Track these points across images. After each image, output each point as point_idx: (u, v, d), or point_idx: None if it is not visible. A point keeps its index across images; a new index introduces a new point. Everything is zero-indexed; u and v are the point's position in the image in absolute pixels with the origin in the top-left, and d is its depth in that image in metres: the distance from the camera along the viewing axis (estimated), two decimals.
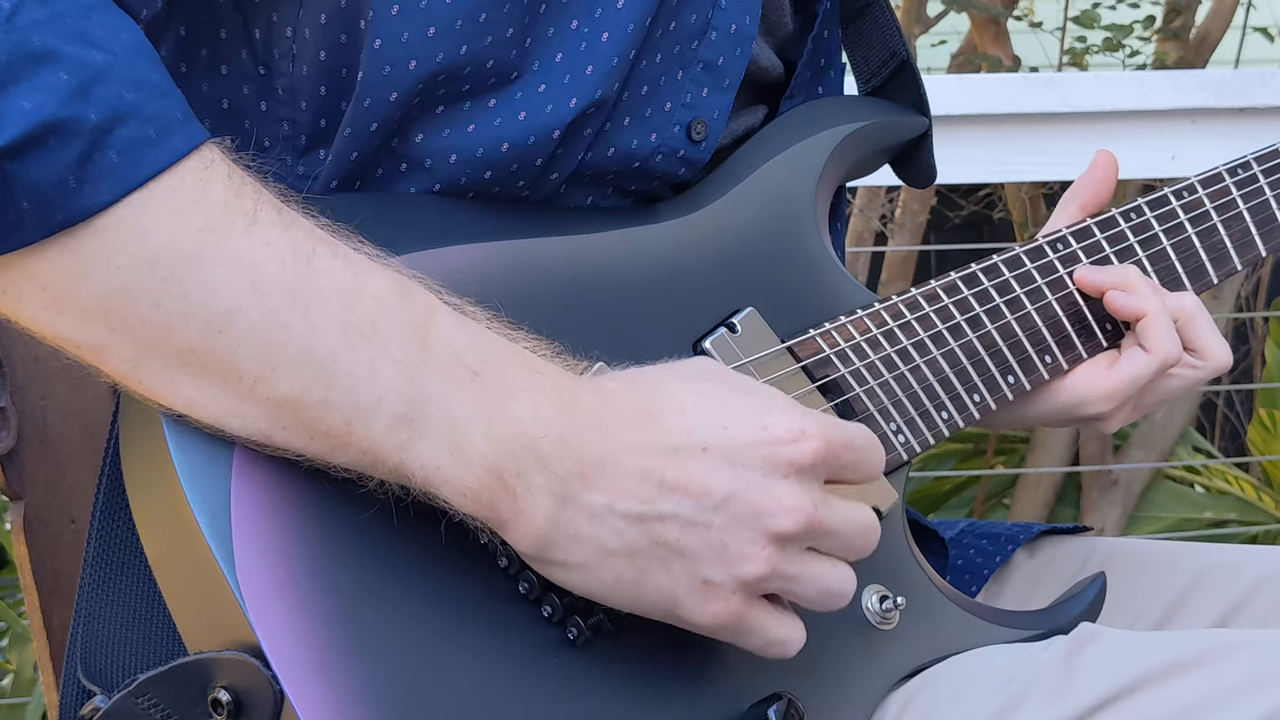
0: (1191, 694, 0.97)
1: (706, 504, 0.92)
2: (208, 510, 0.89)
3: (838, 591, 0.96)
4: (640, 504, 0.91)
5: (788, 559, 0.93)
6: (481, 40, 1.00)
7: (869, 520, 0.97)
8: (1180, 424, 3.30)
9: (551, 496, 0.91)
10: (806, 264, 1.15)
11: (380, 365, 0.89)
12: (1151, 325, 1.19)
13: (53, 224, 0.85)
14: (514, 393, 0.91)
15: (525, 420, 0.91)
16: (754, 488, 0.92)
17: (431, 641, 0.92)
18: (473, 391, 0.90)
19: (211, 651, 0.90)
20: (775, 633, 0.96)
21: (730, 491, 0.92)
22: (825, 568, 0.96)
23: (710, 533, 0.92)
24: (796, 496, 0.93)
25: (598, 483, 0.91)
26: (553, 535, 0.91)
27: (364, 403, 0.89)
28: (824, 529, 0.94)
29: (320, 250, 0.90)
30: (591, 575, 0.92)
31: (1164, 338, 1.19)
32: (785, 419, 0.94)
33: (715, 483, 0.92)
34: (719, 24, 1.10)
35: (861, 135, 1.21)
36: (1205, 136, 2.43)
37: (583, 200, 1.10)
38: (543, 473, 0.91)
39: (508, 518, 0.91)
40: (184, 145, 0.87)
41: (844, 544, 0.96)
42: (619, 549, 0.92)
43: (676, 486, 0.92)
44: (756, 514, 0.92)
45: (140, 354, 0.88)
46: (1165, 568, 1.27)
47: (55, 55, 0.84)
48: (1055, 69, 3.57)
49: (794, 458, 0.93)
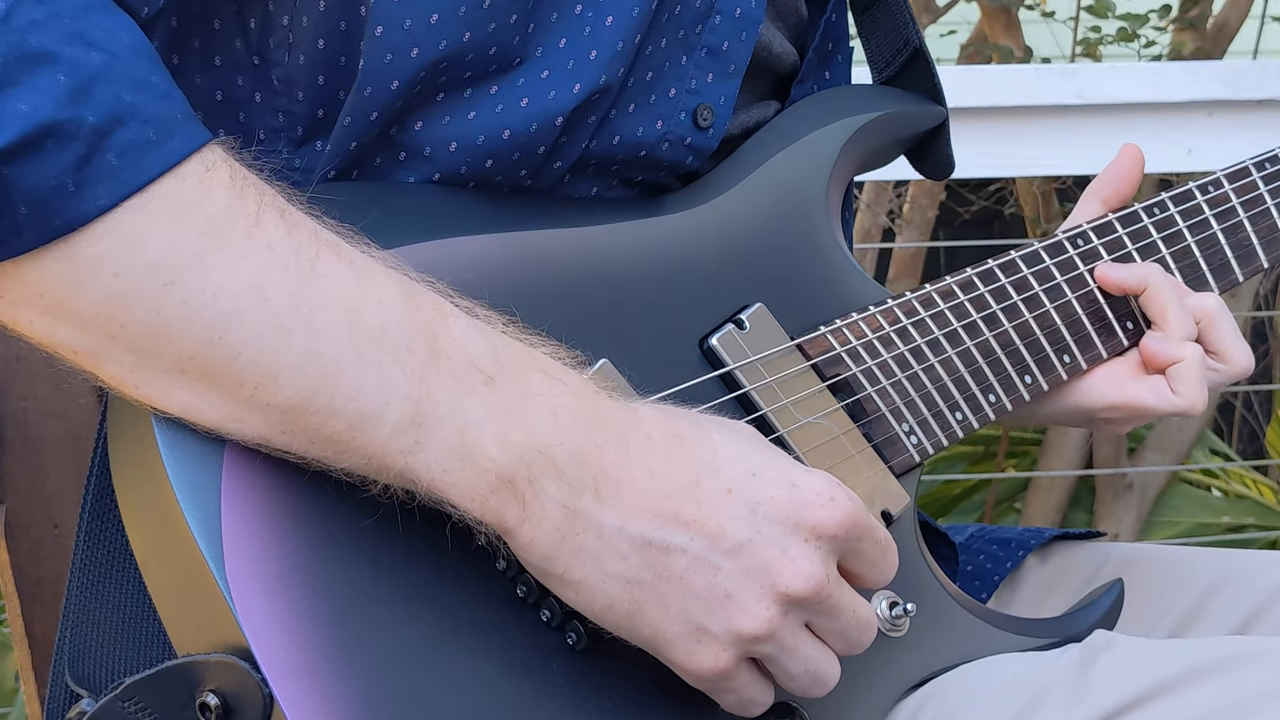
0: (1209, 703, 0.97)
1: (719, 547, 0.92)
2: (197, 509, 0.89)
3: (823, 679, 0.96)
4: (651, 530, 0.91)
5: (788, 626, 0.93)
6: (485, 26, 1.01)
7: (871, 618, 0.97)
8: (1197, 426, 3.30)
9: (561, 507, 0.91)
10: (817, 259, 1.15)
11: (387, 370, 0.89)
12: (1185, 373, 1.20)
13: (51, 230, 0.85)
14: (531, 399, 0.91)
15: (542, 427, 0.91)
16: (771, 543, 0.92)
17: (426, 645, 0.92)
18: (486, 396, 0.90)
19: (200, 654, 0.91)
20: (751, 694, 0.95)
21: (746, 540, 0.92)
22: (818, 650, 0.95)
23: (717, 577, 0.91)
24: (812, 562, 0.93)
25: (610, 501, 0.91)
26: (558, 548, 0.91)
27: (369, 408, 0.89)
28: (830, 605, 0.94)
29: (325, 254, 0.90)
30: (586, 594, 0.92)
31: (1194, 388, 1.20)
32: (817, 481, 0.94)
33: (733, 528, 0.92)
34: (723, 7, 1.11)
35: (877, 125, 1.21)
36: (1223, 129, 2.44)
37: (587, 190, 1.10)
38: (555, 482, 0.90)
39: (514, 525, 0.91)
40: (185, 147, 0.87)
41: (842, 632, 0.95)
42: (620, 573, 0.91)
43: (692, 522, 0.91)
44: (767, 569, 0.92)
45: (138, 361, 0.88)
46: (1181, 574, 1.27)
47: (52, 56, 0.84)
48: (1068, 60, 3.57)
49: (818, 522, 0.93)
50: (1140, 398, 1.22)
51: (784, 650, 0.94)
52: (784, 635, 0.93)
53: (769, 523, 0.92)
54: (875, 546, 0.96)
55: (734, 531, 0.92)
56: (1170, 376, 1.21)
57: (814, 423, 1.09)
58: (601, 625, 0.94)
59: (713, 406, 1.05)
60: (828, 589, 0.93)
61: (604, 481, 0.91)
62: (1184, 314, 1.21)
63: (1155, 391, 1.21)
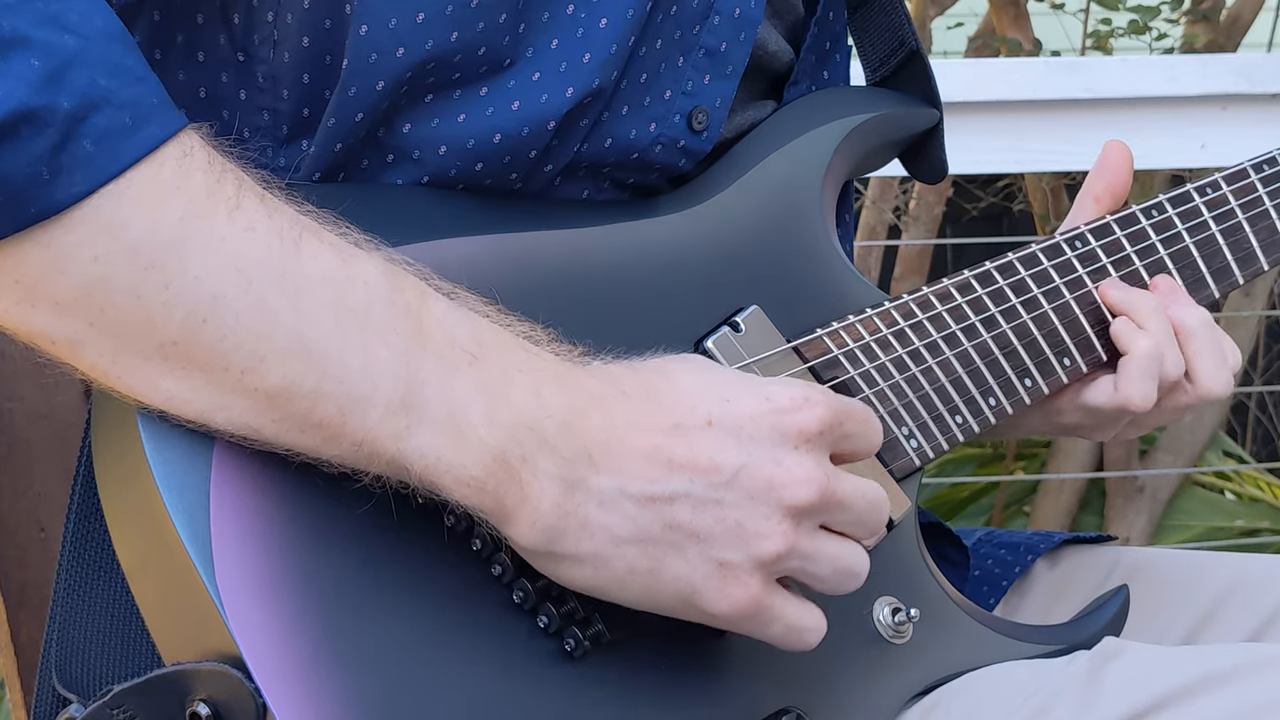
0: (1222, 712, 0.97)
1: (717, 480, 0.93)
2: (185, 513, 0.90)
3: (853, 571, 0.98)
4: (649, 484, 0.92)
5: (804, 535, 0.95)
6: (474, 26, 1.01)
7: (879, 494, 0.98)
8: (1210, 427, 3.30)
9: (559, 482, 0.91)
10: (813, 261, 1.15)
11: (375, 351, 0.90)
12: (1126, 367, 1.20)
13: (26, 217, 0.85)
14: (513, 375, 0.92)
15: (527, 403, 0.92)
16: (765, 460, 0.94)
17: (422, 653, 0.93)
18: (471, 375, 0.91)
19: (191, 662, 0.91)
20: (797, 619, 0.97)
21: (740, 465, 0.93)
22: (840, 545, 0.97)
23: (724, 510, 0.93)
24: (808, 468, 0.94)
25: (605, 465, 0.92)
26: (561, 524, 0.92)
27: (358, 390, 0.89)
28: (837, 501, 0.96)
29: (307, 236, 0.90)
30: (603, 567, 0.93)
31: (1133, 384, 1.19)
32: (786, 389, 0.96)
33: (724, 458, 0.93)
34: (722, 8, 1.11)
35: (870, 127, 1.21)
36: (1236, 124, 2.44)
37: (578, 193, 1.10)
38: (549, 456, 0.91)
39: (513, 507, 0.91)
40: (161, 132, 0.87)
41: (857, 518, 0.97)
42: (631, 535, 0.92)
43: (685, 464, 0.93)
44: (769, 487, 0.93)
45: (119, 348, 0.88)
46: (1194, 579, 1.27)
47: (26, 40, 0.85)
48: (1078, 53, 3.57)
49: (802, 425, 0.95)
50: (1091, 398, 1.22)
51: (808, 558, 0.95)
52: (803, 545, 0.95)
53: (755, 442, 0.94)
54: (858, 423, 0.98)
55: (726, 461, 0.93)
56: (1119, 369, 1.21)
57: None
58: (622, 601, 0.94)
59: None
60: (830, 486, 0.95)
61: (594, 447, 0.92)
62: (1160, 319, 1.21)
63: (1102, 389, 1.22)
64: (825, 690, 1.04)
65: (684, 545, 0.93)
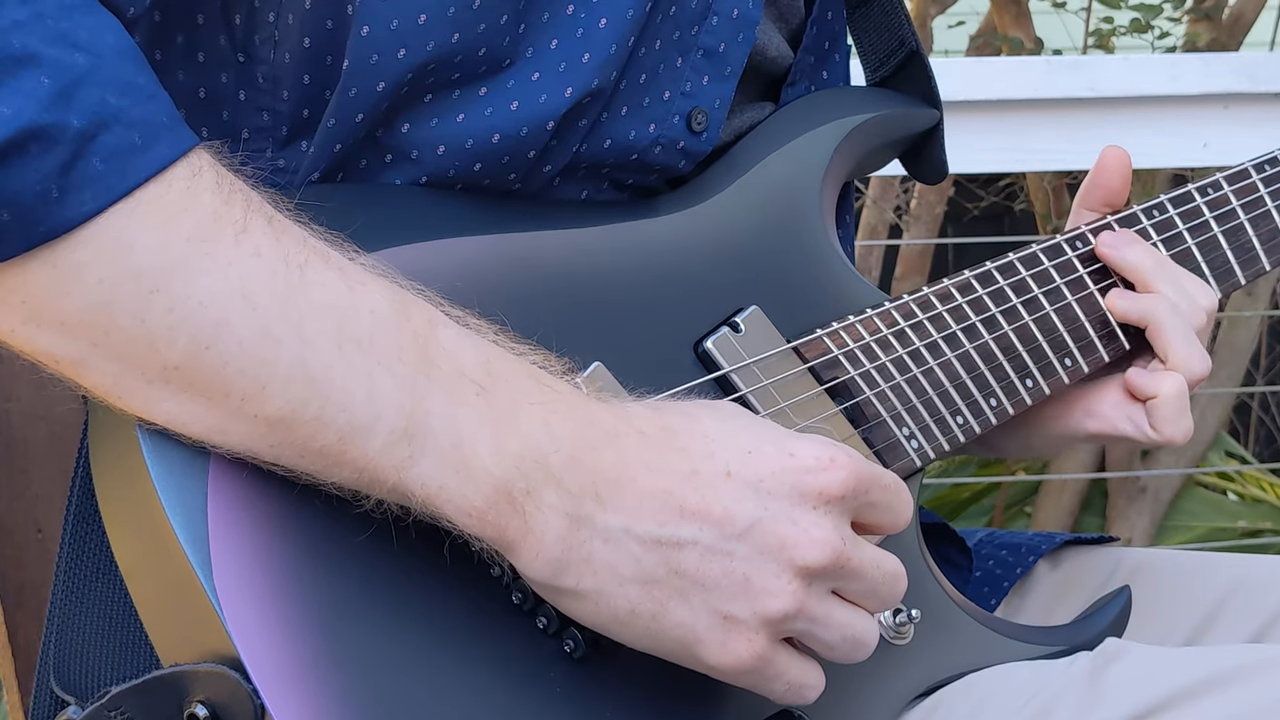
0: (1225, 713, 0.97)
1: (729, 531, 0.92)
2: (183, 514, 0.90)
3: (863, 641, 0.96)
4: (657, 527, 0.91)
5: (814, 598, 0.93)
6: (475, 27, 1.01)
7: (897, 568, 0.97)
8: (1212, 428, 3.31)
9: (564, 516, 0.91)
10: (813, 261, 1.15)
11: (378, 380, 0.89)
12: (1158, 409, 1.21)
13: (35, 236, 0.85)
14: (523, 406, 0.91)
15: (536, 435, 0.91)
16: (780, 517, 0.92)
17: (420, 654, 0.93)
18: (479, 406, 0.91)
19: (188, 664, 0.91)
20: (800, 677, 0.95)
21: (755, 520, 0.92)
22: (851, 614, 0.95)
23: (732, 563, 0.92)
24: (825, 530, 0.93)
25: (613, 503, 0.91)
26: (565, 559, 0.91)
27: (360, 420, 0.89)
28: (851, 568, 0.94)
29: (314, 261, 0.90)
30: (605, 605, 0.92)
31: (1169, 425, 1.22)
32: (813, 446, 0.94)
33: (739, 510, 0.92)
34: (721, 8, 1.11)
35: (869, 128, 1.21)
36: (1239, 123, 2.44)
37: (577, 193, 1.10)
38: (555, 490, 0.91)
39: (516, 539, 0.91)
40: (171, 152, 0.87)
41: (870, 589, 0.95)
42: (634, 576, 0.91)
43: (697, 512, 0.92)
44: (782, 545, 0.92)
45: (121, 370, 0.88)
46: (1196, 580, 1.28)
47: (36, 58, 0.85)
48: (1080, 51, 3.57)
49: (823, 487, 0.93)
50: (1119, 428, 1.24)
51: (815, 622, 0.94)
52: (811, 608, 0.93)
53: (774, 498, 0.92)
54: (885, 492, 0.96)
55: (741, 513, 0.92)
56: (1148, 410, 1.22)
57: (813, 427, 1.09)
58: (618, 637, 0.94)
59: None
60: (845, 552, 0.93)
61: (603, 484, 0.91)
62: (1187, 349, 1.21)
63: (1134, 423, 1.23)
64: (826, 691, 1.03)
65: (689, 592, 0.92)
